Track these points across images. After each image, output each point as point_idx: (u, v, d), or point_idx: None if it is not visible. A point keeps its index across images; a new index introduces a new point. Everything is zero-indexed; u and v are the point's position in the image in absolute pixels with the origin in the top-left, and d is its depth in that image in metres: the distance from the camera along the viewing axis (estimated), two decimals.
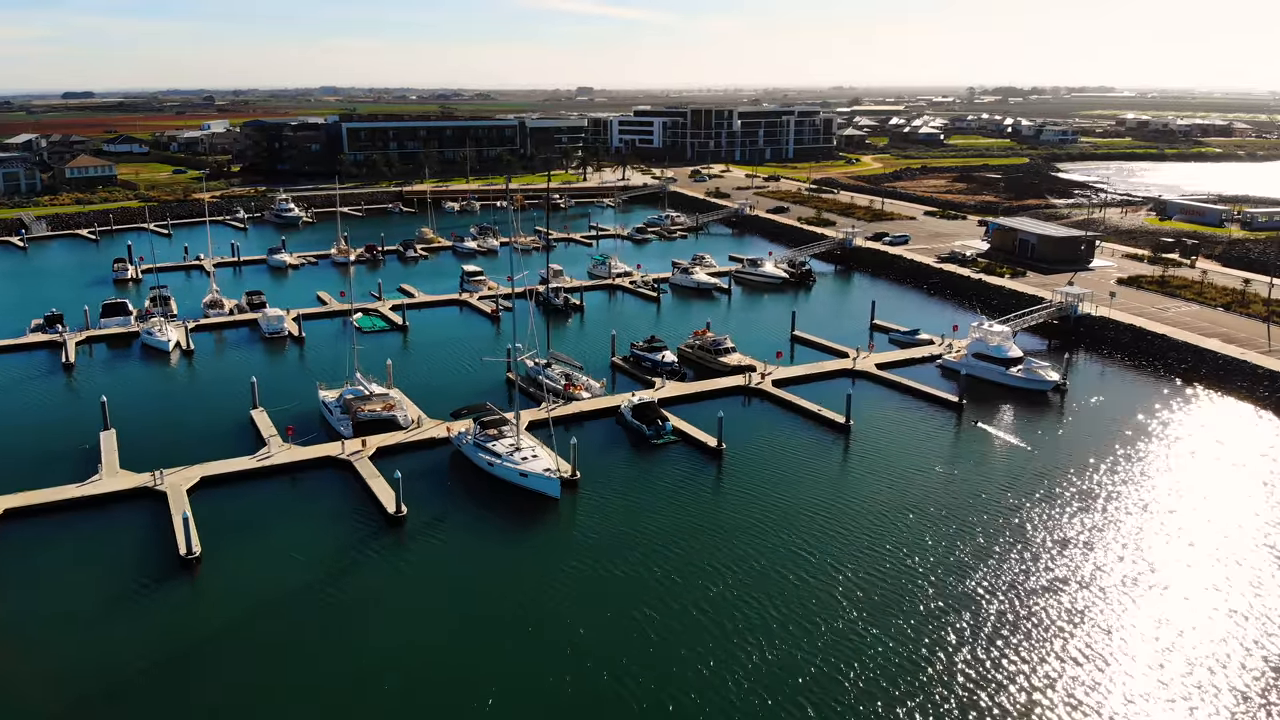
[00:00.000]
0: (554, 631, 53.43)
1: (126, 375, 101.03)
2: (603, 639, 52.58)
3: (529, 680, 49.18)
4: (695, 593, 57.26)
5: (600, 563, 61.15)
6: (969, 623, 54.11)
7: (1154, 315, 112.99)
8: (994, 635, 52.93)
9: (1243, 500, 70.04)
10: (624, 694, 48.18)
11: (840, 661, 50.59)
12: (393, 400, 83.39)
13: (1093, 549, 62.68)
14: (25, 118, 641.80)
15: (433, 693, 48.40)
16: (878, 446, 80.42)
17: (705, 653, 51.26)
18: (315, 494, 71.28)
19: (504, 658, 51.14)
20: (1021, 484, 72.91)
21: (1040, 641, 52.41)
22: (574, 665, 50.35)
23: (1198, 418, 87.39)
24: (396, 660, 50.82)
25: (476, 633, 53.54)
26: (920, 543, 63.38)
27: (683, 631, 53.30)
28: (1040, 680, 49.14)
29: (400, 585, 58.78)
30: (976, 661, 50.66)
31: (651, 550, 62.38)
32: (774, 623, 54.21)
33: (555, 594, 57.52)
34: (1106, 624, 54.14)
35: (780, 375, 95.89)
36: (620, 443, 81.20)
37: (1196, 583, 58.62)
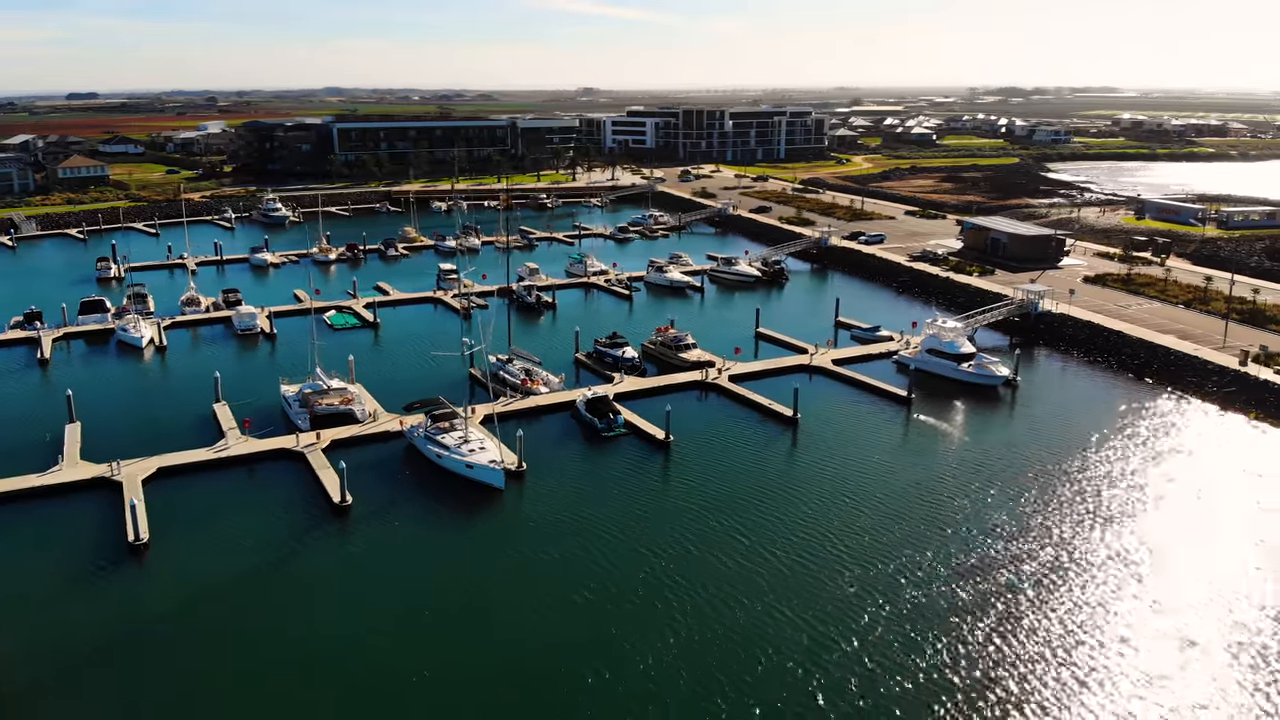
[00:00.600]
0: (491, 615, 55.37)
1: (99, 370, 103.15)
2: (539, 622, 54.49)
3: (462, 664, 51.15)
4: (631, 577, 59.18)
5: (540, 549, 63.04)
6: (883, 606, 55.85)
7: (1114, 312, 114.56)
8: (905, 619, 54.65)
9: (1177, 490, 71.68)
10: (556, 674, 50.09)
11: (757, 641, 52.43)
12: (351, 395, 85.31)
13: (1017, 537, 64.34)
14: (27, 118, 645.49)
15: (366, 677, 50.22)
16: (823, 438, 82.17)
17: (636, 632, 53.24)
18: (267, 485, 73.30)
19: (439, 641, 53.11)
20: (957, 474, 74.64)
21: (948, 626, 54.12)
22: (510, 649, 52.30)
23: (1144, 412, 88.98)
24: (331, 645, 52.76)
25: (413, 617, 55.33)
26: (849, 529, 65.17)
27: (616, 612, 55.34)
28: (942, 663, 50.86)
29: (340, 572, 60.71)
30: (883, 643, 52.41)
31: (591, 537, 64.27)
32: (704, 604, 56.15)
33: (493, 579, 59.48)
34: (1019, 610, 55.82)
35: (737, 371, 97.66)
36: (573, 436, 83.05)
37: (1121, 570, 60.26)
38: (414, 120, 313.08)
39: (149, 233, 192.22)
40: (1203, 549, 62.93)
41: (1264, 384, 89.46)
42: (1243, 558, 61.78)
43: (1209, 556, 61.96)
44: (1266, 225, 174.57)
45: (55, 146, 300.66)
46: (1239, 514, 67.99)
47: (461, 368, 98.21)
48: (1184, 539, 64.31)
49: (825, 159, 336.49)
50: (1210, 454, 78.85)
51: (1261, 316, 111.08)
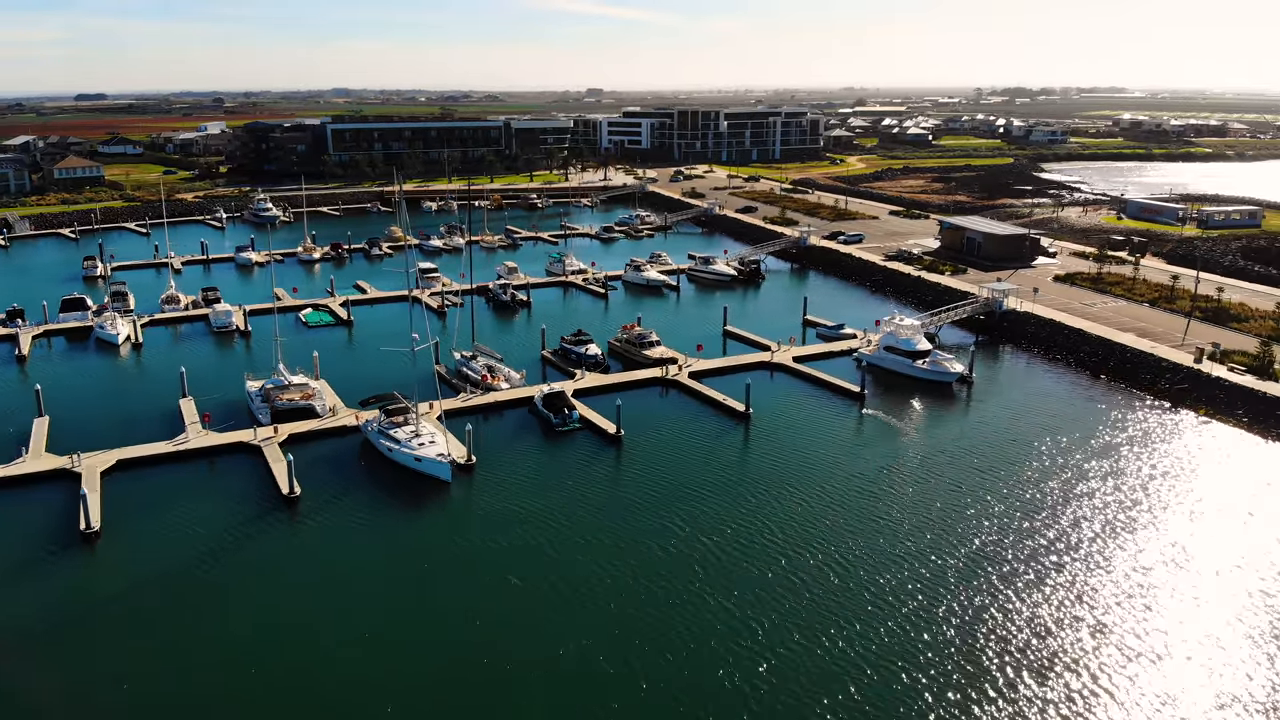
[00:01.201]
0: (430, 603, 57.07)
1: (73, 366, 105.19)
2: (478, 609, 56.06)
3: (398, 650, 52.72)
4: (572, 565, 60.89)
5: (485, 539, 64.79)
6: (806, 591, 57.28)
7: (1078, 311, 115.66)
8: (827, 604, 56.08)
9: (1118, 485, 72.85)
10: (493, 659, 51.67)
11: (690, 625, 54.11)
12: (312, 390, 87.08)
13: (950, 526, 65.62)
14: (33, 119, 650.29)
15: (298, 662, 51.97)
16: (773, 433, 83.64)
17: (574, 618, 55.01)
18: (221, 476, 75.14)
19: (376, 627, 54.62)
20: (900, 467, 76.08)
21: (866, 612, 55.51)
22: (447, 634, 54.14)
23: (1094, 408, 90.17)
24: (268, 631, 54.40)
25: (352, 605, 56.92)
26: (789, 519, 66.65)
27: (555, 599, 57.14)
28: (849, 645, 52.29)
29: (282, 560, 62.47)
30: (796, 626, 53.83)
31: (536, 526, 65.96)
32: (641, 590, 57.82)
33: (435, 568, 61.16)
34: (932, 594, 57.19)
35: (698, 368, 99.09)
36: (529, 430, 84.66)
37: (1048, 560, 61.55)
38: (410, 121, 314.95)
39: (140, 232, 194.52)
40: (1137, 541, 64.15)
41: (1215, 381, 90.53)
42: (1179, 549, 62.93)
43: (1144, 548, 63.18)
44: (1246, 225, 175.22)
45: (55, 147, 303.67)
46: (1179, 508, 69.14)
47: (418, 364, 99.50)
48: (1120, 531, 65.52)
49: (820, 159, 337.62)
50: (1156, 449, 79.97)
51: (1225, 314, 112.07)
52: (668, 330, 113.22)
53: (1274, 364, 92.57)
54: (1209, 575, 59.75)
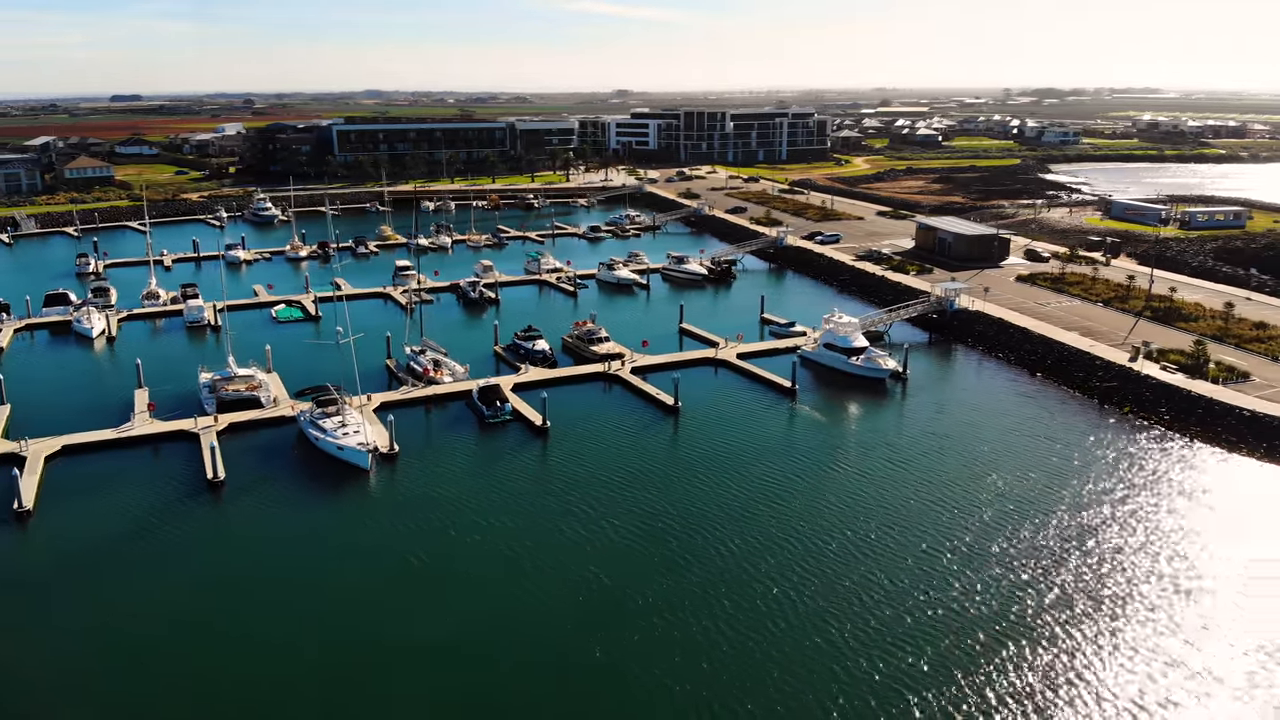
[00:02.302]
0: (328, 581, 60.20)
1: (45, 358, 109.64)
2: (374, 588, 59.31)
3: (292, 629, 55.99)
4: (470, 549, 63.96)
5: (392, 524, 67.95)
6: (689, 570, 59.78)
7: (1031, 310, 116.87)
8: (710, 585, 58.50)
9: (1026, 480, 74.45)
10: (372, 638, 54.68)
11: (584, 605, 57.12)
12: (257, 382, 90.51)
13: (852, 519, 67.67)
14: (65, 120, 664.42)
15: (194, 634, 55.18)
16: (700, 426, 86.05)
17: (464, 599, 58.24)
18: (158, 462, 78.73)
19: (271, 605, 57.90)
20: (819, 458, 78.35)
21: (750, 591, 57.86)
22: (336, 612, 57.10)
23: (1021, 405, 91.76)
24: (175, 608, 57.55)
25: (256, 582, 60.21)
26: (703, 507, 69.24)
27: (451, 581, 60.39)
28: (709, 622, 54.65)
29: (197, 540, 65.66)
30: (706, 611, 56.27)
31: (444, 513, 69.03)
32: (541, 574, 60.76)
33: (338, 549, 64.24)
34: (830, 578, 59.35)
35: (642, 363, 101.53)
36: (464, 422, 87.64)
37: (948, 548, 63.52)
38: (416, 122, 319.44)
39: (141, 231, 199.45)
40: (1031, 530, 65.84)
41: (1143, 379, 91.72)
42: (1082, 544, 64.57)
43: (1037, 538, 64.86)
44: (1230, 225, 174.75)
45: (74, 148, 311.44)
46: (1080, 501, 70.64)
47: (382, 356, 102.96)
48: (1014, 520, 67.20)
49: (826, 160, 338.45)
50: (1071, 445, 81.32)
51: (1176, 314, 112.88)
52: (629, 327, 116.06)
53: (1207, 363, 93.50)
54: (1101, 558, 61.41)
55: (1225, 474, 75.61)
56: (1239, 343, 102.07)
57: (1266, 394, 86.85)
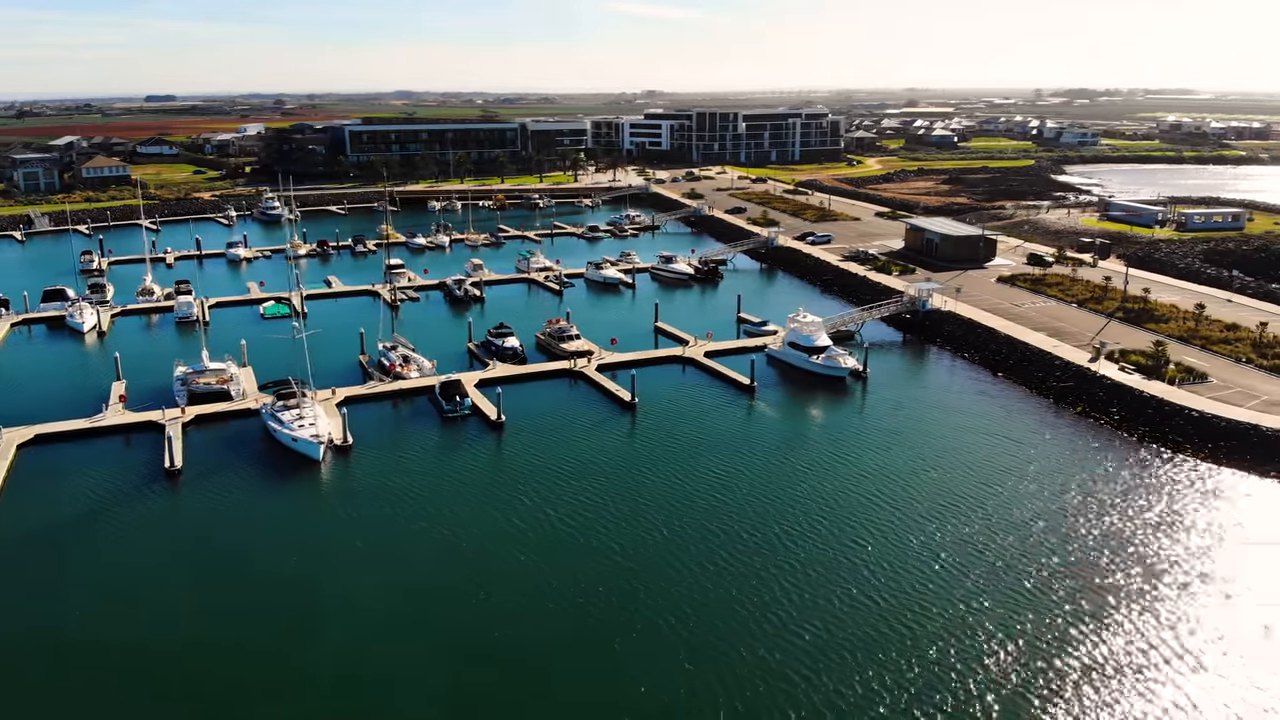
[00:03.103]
0: (266, 565, 62.60)
1: (36, 352, 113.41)
2: (311, 573, 61.57)
3: (229, 603, 58.43)
4: (412, 535, 66.19)
5: (339, 511, 70.54)
6: (613, 562, 61.58)
7: (1003, 311, 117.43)
8: (630, 580, 60.26)
9: (968, 474, 75.55)
10: (306, 621, 57.07)
11: (504, 587, 59.11)
12: (228, 376, 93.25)
13: (787, 510, 69.07)
14: (98, 119, 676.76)
15: (123, 613, 57.73)
16: (656, 422, 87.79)
17: (404, 579, 60.53)
18: (123, 451, 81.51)
19: (214, 587, 60.35)
20: (763, 453, 79.85)
21: (695, 577, 59.60)
22: (280, 596, 59.41)
23: (976, 404, 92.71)
24: (119, 586, 60.19)
25: (202, 566, 62.75)
26: (651, 499, 71.13)
27: (390, 563, 62.55)
28: (655, 607, 56.39)
29: (148, 525, 68.28)
30: (603, 594, 58.06)
31: (389, 502, 71.26)
32: (472, 555, 63.26)
33: (285, 536, 66.67)
34: (755, 565, 60.93)
35: (609, 360, 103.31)
36: (423, 416, 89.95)
37: (879, 539, 64.87)
38: (433, 123, 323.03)
39: (152, 229, 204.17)
40: (959, 529, 66.97)
41: (1098, 380, 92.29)
42: (1007, 538, 65.64)
43: (969, 537, 65.97)
44: (1227, 227, 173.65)
45: (96, 148, 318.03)
46: (1021, 500, 71.48)
47: (355, 353, 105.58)
48: (948, 517, 68.30)
49: (839, 161, 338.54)
50: (1019, 443, 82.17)
51: (1148, 315, 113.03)
52: (608, 325, 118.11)
53: (1167, 364, 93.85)
54: (1024, 552, 62.46)
55: (1167, 474, 76.10)
56: (1205, 344, 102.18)
57: (1220, 395, 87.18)
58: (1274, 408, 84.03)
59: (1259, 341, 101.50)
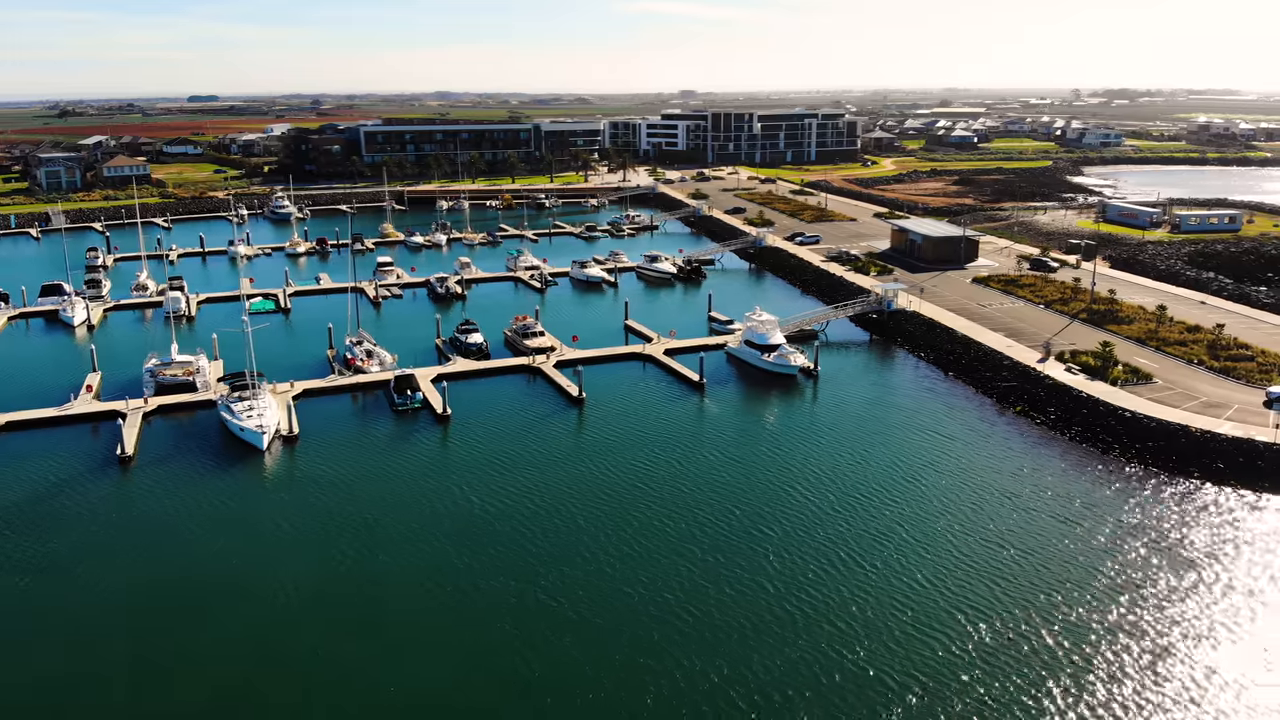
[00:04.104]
0: (207, 548, 65.76)
1: (27, 344, 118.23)
2: (239, 551, 64.89)
3: (154, 581, 61.71)
4: (346, 518, 69.36)
5: (277, 496, 74.00)
6: (529, 548, 64.09)
7: (968, 311, 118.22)
8: (550, 566, 62.69)
9: (897, 468, 77.29)
10: (229, 599, 60.16)
11: (415, 573, 61.91)
12: (194, 368, 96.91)
13: (707, 500, 71.26)
14: (139, 120, 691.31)
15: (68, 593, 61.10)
16: (601, 415, 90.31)
17: (329, 562, 63.61)
18: (85, 439, 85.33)
19: (147, 565, 63.74)
20: (699, 446, 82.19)
21: (616, 564, 61.96)
22: (213, 572, 62.79)
23: (922, 400, 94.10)
24: (54, 569, 63.59)
25: (143, 544, 66.18)
26: (569, 488, 73.85)
27: (316, 546, 65.88)
28: (578, 594, 58.79)
29: (95, 507, 71.73)
30: (579, 593, 60.55)
31: (326, 489, 74.56)
32: (397, 538, 66.34)
33: (222, 520, 69.68)
34: (664, 553, 63.11)
35: (569, 357, 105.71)
36: (377, 409, 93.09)
37: (787, 528, 66.79)
38: (448, 124, 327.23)
39: (164, 226, 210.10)
40: (867, 522, 68.60)
41: (1039, 381, 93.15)
42: (917, 531, 67.26)
43: (876, 530, 67.61)
44: (1221, 229, 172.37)
45: (124, 147, 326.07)
46: (938, 496, 72.93)
47: (324, 347, 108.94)
48: (860, 510, 69.99)
49: (854, 161, 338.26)
50: (951, 442, 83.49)
51: (1111, 317, 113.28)
52: (583, 323, 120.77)
53: (1115, 365, 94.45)
54: (935, 548, 64.05)
55: (1089, 474, 76.94)
56: (1161, 346, 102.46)
57: (1159, 396, 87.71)
58: (1210, 409, 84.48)
59: (1215, 343, 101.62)
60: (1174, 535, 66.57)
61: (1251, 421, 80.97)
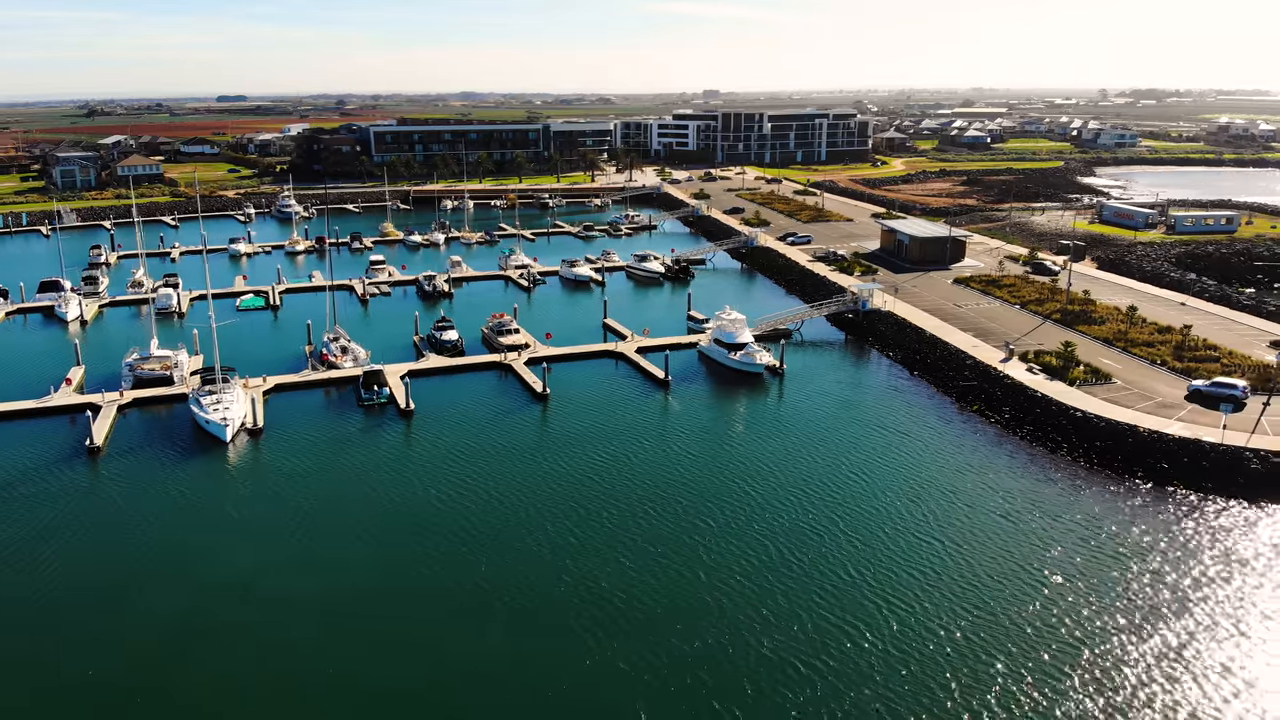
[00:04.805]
0: (162, 529, 68.26)
1: (22, 338, 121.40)
2: (206, 538, 67.35)
3: (116, 563, 64.04)
4: (300, 505, 71.85)
5: (237, 485, 76.54)
6: (527, 542, 65.93)
7: (942, 311, 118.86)
8: (503, 555, 64.53)
9: (845, 465, 78.65)
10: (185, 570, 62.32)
11: (366, 562, 63.91)
12: (171, 362, 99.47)
13: (659, 494, 72.85)
14: (166, 119, 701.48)
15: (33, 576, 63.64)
16: (563, 410, 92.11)
17: (279, 544, 65.87)
18: (61, 429, 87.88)
19: (105, 545, 66.19)
20: (656, 441, 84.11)
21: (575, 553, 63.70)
22: (162, 554, 65.25)
23: (884, 399, 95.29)
24: (17, 551, 66.26)
25: (97, 528, 68.70)
26: (519, 480, 75.69)
27: (270, 530, 68.03)
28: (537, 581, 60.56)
29: (61, 493, 74.20)
30: (538, 579, 62.39)
31: (285, 477, 77.31)
32: (348, 528, 68.53)
33: (182, 506, 72.18)
34: (623, 540, 64.73)
35: (541, 353, 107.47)
36: (345, 403, 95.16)
37: (740, 520, 68.24)
38: (456, 124, 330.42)
39: (172, 225, 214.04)
40: (817, 517, 69.88)
41: (999, 380, 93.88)
42: (881, 528, 68.48)
43: (823, 525, 68.88)
44: (1217, 230, 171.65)
45: (143, 146, 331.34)
46: (885, 494, 74.03)
47: (303, 345, 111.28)
48: (805, 502, 71.31)
49: (865, 161, 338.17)
50: (909, 439, 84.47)
51: (1085, 318, 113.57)
52: (563, 320, 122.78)
53: (1076, 365, 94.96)
54: (891, 540, 65.28)
55: (1035, 472, 77.68)
56: (1127, 346, 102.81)
57: (1114, 396, 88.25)
58: (1164, 409, 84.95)
59: (1181, 344, 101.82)
60: (1106, 533, 67.31)
61: (1201, 423, 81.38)
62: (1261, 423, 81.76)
